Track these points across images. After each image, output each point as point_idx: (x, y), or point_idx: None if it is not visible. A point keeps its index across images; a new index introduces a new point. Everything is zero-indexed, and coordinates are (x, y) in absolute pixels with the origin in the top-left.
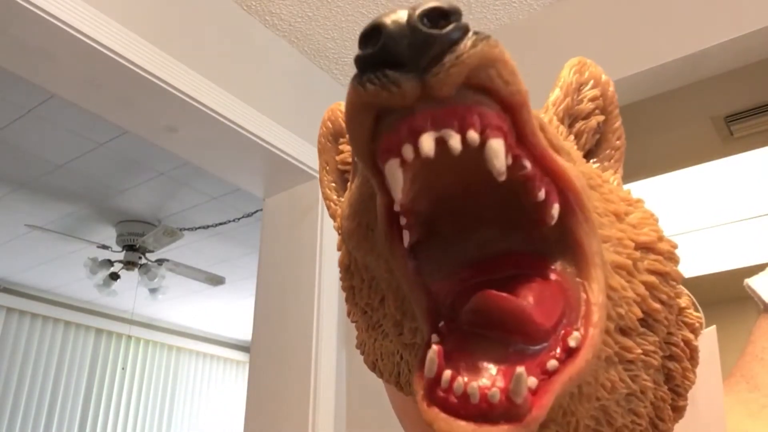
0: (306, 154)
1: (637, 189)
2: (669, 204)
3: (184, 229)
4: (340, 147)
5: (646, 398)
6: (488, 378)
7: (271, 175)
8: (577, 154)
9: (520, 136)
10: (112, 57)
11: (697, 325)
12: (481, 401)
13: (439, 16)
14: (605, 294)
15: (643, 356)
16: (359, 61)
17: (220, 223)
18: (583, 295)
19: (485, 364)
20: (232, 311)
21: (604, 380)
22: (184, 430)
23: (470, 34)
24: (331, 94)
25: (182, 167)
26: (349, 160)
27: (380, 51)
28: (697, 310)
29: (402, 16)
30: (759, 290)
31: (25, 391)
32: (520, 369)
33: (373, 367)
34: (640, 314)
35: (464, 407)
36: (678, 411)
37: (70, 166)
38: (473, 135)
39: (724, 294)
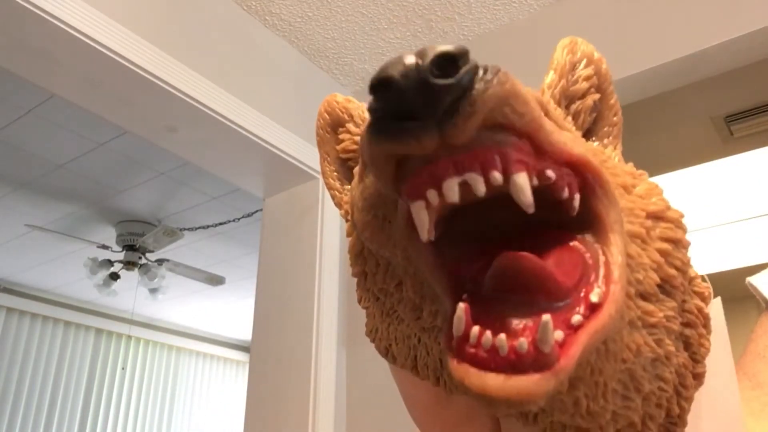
0: (306, 154)
1: None
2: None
3: (184, 229)
4: (340, 136)
5: (670, 363)
6: (515, 331)
7: (271, 175)
8: (578, 135)
9: (539, 151)
10: (112, 57)
11: (707, 293)
12: (510, 353)
13: (447, 62)
14: (624, 256)
15: (664, 321)
16: (373, 114)
17: (220, 223)
18: (602, 257)
19: (511, 319)
20: (232, 311)
21: (629, 342)
22: (184, 430)
23: (480, 74)
24: (331, 93)
25: (182, 167)
26: (350, 147)
27: (393, 106)
28: (704, 280)
29: (410, 66)
30: (761, 288)
31: (25, 391)
32: (546, 317)
33: (386, 352)
34: (657, 280)
35: (494, 360)
36: (698, 378)
37: (70, 166)
38: (496, 175)
39: (725, 294)
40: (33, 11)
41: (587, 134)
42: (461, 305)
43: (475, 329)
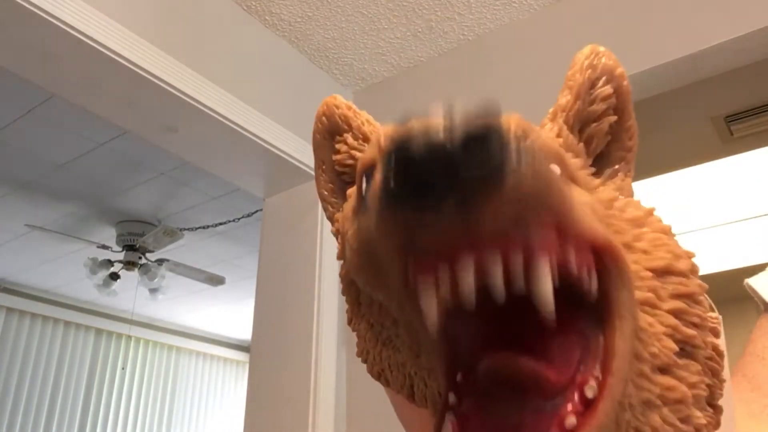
0: (306, 154)
1: (637, 189)
2: (669, 204)
3: (184, 229)
4: (337, 146)
5: None
6: None
7: (271, 175)
8: (590, 181)
9: (562, 235)
10: (112, 57)
11: (719, 328)
12: None
13: (479, 143)
14: (630, 342)
15: (689, 392)
16: (387, 181)
17: (220, 223)
18: (602, 341)
19: (501, 428)
20: (232, 311)
21: (642, 425)
22: (184, 430)
23: (514, 161)
24: (331, 93)
25: (182, 167)
26: (347, 162)
27: (412, 180)
28: (713, 310)
29: (437, 143)
30: (759, 290)
31: (25, 391)
32: None
33: (378, 376)
34: (675, 347)
35: None
36: (717, 426)
37: (70, 166)
38: (517, 273)
39: (724, 294)
40: (33, 11)
41: (598, 159)
42: (448, 421)
43: None
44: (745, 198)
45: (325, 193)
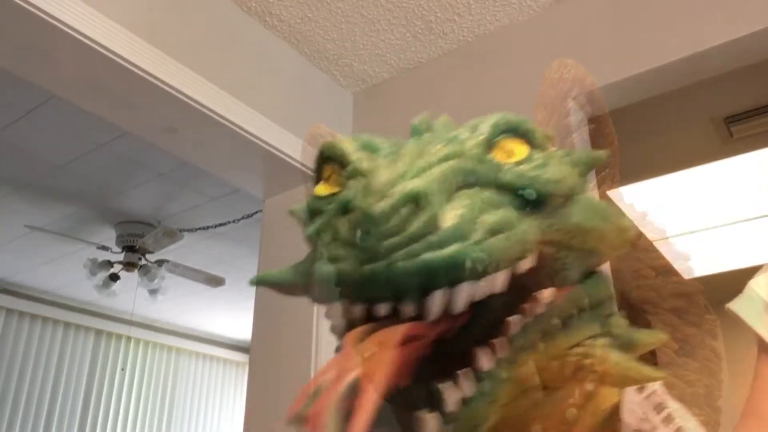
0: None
1: (638, 190)
2: (669, 205)
3: (184, 230)
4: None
5: None
6: None
7: (271, 175)
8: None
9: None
10: (112, 57)
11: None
12: None
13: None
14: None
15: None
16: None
17: (220, 224)
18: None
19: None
20: (231, 312)
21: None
22: (183, 431)
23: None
24: (331, 94)
25: (182, 167)
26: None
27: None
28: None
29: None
30: (742, 315)
31: (25, 391)
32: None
33: None
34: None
35: None
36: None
37: (70, 167)
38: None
39: (724, 294)
40: (33, 11)
41: None
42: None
43: None
44: (745, 199)
45: None
